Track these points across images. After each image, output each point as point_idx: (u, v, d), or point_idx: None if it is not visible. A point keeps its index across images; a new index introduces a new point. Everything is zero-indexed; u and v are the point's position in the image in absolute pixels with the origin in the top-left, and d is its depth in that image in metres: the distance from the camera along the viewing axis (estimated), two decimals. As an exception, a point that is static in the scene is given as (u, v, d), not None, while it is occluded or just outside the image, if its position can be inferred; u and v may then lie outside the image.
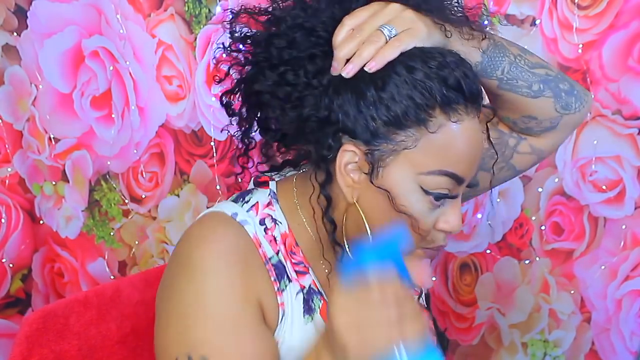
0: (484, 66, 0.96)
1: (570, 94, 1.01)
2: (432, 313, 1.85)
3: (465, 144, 0.85)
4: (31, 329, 1.12)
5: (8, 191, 1.83)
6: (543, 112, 1.01)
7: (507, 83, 0.98)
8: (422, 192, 0.86)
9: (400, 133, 0.85)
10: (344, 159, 0.88)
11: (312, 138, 0.90)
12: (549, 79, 0.99)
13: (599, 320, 1.71)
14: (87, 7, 1.68)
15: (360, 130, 0.86)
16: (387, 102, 0.84)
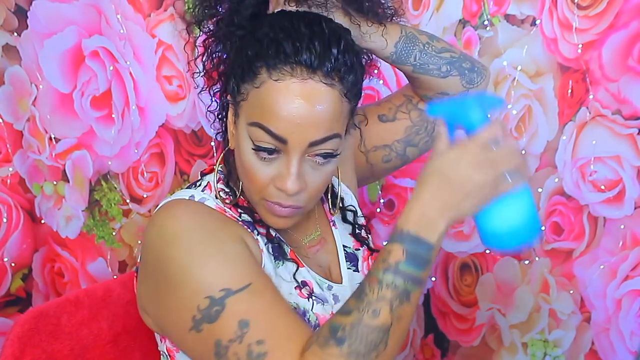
0: (398, 55, 1.11)
1: (472, 70, 1.17)
2: (432, 314, 1.86)
3: (283, 102, 0.92)
4: (23, 329, 1.13)
5: (8, 191, 1.83)
6: (452, 88, 1.16)
7: (420, 67, 1.13)
8: (250, 141, 0.96)
9: (242, 86, 0.97)
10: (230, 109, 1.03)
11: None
12: (453, 61, 1.14)
13: (599, 320, 1.70)
14: (87, 7, 1.68)
15: (228, 84, 1.01)
16: (236, 58, 0.99)
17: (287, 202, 0.98)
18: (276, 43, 0.93)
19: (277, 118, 0.93)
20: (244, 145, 0.97)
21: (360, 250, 1.20)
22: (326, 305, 1.05)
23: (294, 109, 0.92)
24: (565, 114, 1.62)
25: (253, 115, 0.95)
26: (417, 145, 1.24)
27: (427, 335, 1.88)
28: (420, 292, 0.88)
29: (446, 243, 1.79)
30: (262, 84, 0.94)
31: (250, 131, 0.96)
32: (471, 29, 1.63)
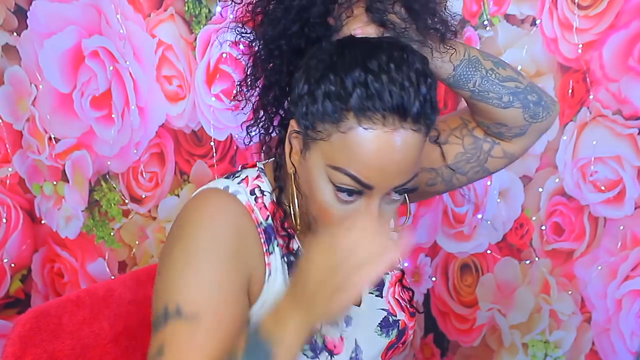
0: (457, 79, 1.03)
1: (537, 104, 1.07)
2: (432, 313, 1.86)
3: (373, 151, 0.88)
4: (24, 329, 1.12)
5: (8, 191, 1.82)
6: (513, 120, 1.07)
7: (479, 95, 1.04)
8: (329, 182, 0.92)
9: (320, 125, 0.90)
10: (291, 128, 0.96)
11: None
12: (518, 92, 1.05)
13: (599, 320, 1.70)
14: (87, 7, 1.68)
15: (298, 112, 0.93)
16: (317, 93, 0.90)
17: None
18: (365, 87, 0.87)
19: (366, 167, 0.89)
20: (319, 185, 0.93)
21: (389, 275, 1.15)
22: (335, 328, 1.02)
23: (384, 159, 0.88)
24: (566, 114, 1.62)
25: (336, 159, 0.90)
26: (466, 174, 1.15)
27: (427, 335, 1.88)
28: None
29: (447, 243, 1.79)
30: (349, 129, 0.88)
31: (331, 173, 0.91)
32: (471, 29, 1.63)
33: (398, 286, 1.15)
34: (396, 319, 1.11)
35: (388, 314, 1.10)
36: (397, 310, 1.12)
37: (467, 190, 1.73)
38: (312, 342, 0.99)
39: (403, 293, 1.15)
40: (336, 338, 1.02)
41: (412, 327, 1.14)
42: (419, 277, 1.84)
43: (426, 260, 1.82)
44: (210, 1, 1.69)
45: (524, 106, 1.06)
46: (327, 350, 1.00)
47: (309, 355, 0.99)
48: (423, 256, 1.82)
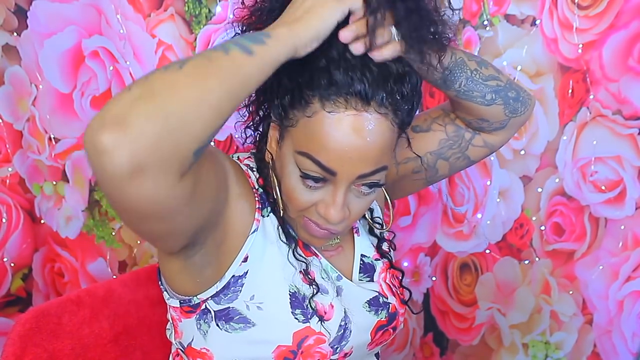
0: (444, 81, 1.06)
1: (516, 100, 1.12)
2: (431, 312, 1.86)
3: (335, 135, 0.90)
4: (24, 328, 1.13)
5: (8, 191, 1.82)
6: (494, 116, 1.12)
7: (464, 94, 1.08)
8: (297, 168, 0.95)
9: (290, 112, 0.94)
10: (270, 120, 1.01)
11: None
12: (499, 89, 1.10)
13: (601, 321, 1.70)
14: (87, 7, 1.68)
15: (273, 103, 0.98)
16: (285, 82, 0.94)
17: (325, 225, 0.99)
18: (328, 72, 0.90)
19: (328, 151, 0.91)
20: (289, 170, 0.97)
21: (380, 262, 1.18)
22: (326, 296, 1.05)
23: (346, 142, 0.90)
24: (566, 114, 1.62)
25: (302, 144, 0.93)
26: (448, 160, 1.19)
27: (426, 334, 1.88)
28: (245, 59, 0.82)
29: (446, 243, 1.79)
30: (314, 114, 0.91)
31: (297, 159, 0.94)
32: (471, 29, 1.63)
33: (389, 272, 1.18)
34: (387, 301, 1.14)
35: (379, 294, 1.13)
36: (389, 294, 1.15)
37: (465, 189, 1.73)
38: (304, 307, 1.01)
39: (394, 279, 1.18)
40: (326, 304, 1.04)
41: (402, 314, 1.17)
42: (419, 277, 1.84)
43: (426, 259, 1.82)
44: (210, 1, 1.69)
45: (505, 103, 1.11)
46: (317, 315, 1.02)
47: (300, 320, 1.01)
48: (423, 256, 1.82)
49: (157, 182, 0.74)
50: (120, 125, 0.70)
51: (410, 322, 1.87)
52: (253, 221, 1.02)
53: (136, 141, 0.71)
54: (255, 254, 1.01)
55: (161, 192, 0.75)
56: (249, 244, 1.01)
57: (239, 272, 1.00)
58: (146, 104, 0.72)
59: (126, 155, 0.70)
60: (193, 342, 1.06)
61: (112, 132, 0.70)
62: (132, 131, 0.70)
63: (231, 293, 1.01)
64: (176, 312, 1.07)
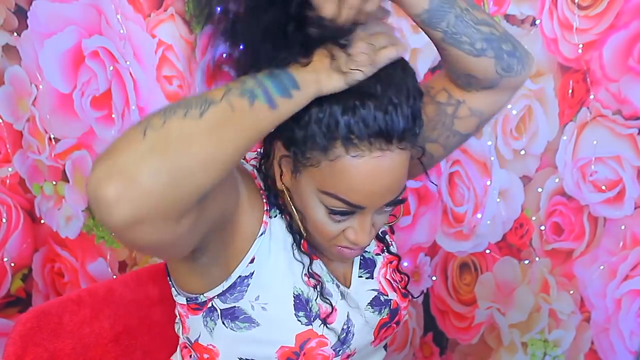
0: (430, 15, 0.94)
1: (512, 55, 1.01)
2: (431, 312, 1.86)
3: (362, 177, 0.89)
4: (25, 328, 1.13)
5: (8, 191, 1.82)
6: (484, 71, 1.00)
7: (451, 37, 0.97)
8: (322, 205, 0.94)
9: (308, 152, 0.91)
10: (278, 153, 0.97)
11: None
12: (492, 38, 0.98)
13: (599, 319, 1.71)
14: (87, 7, 1.68)
15: (286, 137, 0.93)
16: (304, 122, 0.89)
17: (356, 247, 0.99)
18: (352, 115, 0.87)
19: (356, 192, 0.91)
20: (313, 205, 0.96)
21: (381, 256, 1.17)
22: (330, 299, 1.05)
23: (373, 182, 0.90)
24: (566, 114, 1.62)
25: (327, 185, 0.92)
26: (436, 141, 1.11)
27: (426, 334, 1.88)
28: (268, 113, 0.81)
29: (446, 242, 1.79)
30: (337, 157, 0.89)
31: (323, 198, 0.93)
32: (471, 29, 1.62)
33: (390, 267, 1.17)
34: (387, 299, 1.13)
35: (379, 293, 1.13)
36: (389, 290, 1.14)
37: (465, 189, 1.73)
38: (307, 310, 1.02)
39: (395, 275, 1.17)
40: (329, 308, 1.04)
41: (404, 308, 1.16)
42: (419, 276, 1.85)
43: (426, 259, 1.83)
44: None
45: (497, 56, 0.99)
46: (320, 319, 1.02)
47: (303, 322, 1.01)
48: (423, 255, 1.83)
49: (156, 228, 0.74)
50: (126, 179, 0.70)
51: (410, 322, 1.88)
52: (261, 223, 1.01)
53: (141, 198, 0.71)
54: (261, 256, 1.01)
55: (160, 235, 0.75)
56: (256, 246, 1.00)
57: (245, 272, 1.00)
58: (158, 159, 0.72)
59: (128, 209, 0.70)
60: (200, 338, 1.06)
61: (117, 186, 0.70)
62: (139, 188, 0.70)
63: (237, 293, 1.01)
64: (183, 309, 1.07)
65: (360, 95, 0.86)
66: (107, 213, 0.70)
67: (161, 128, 0.74)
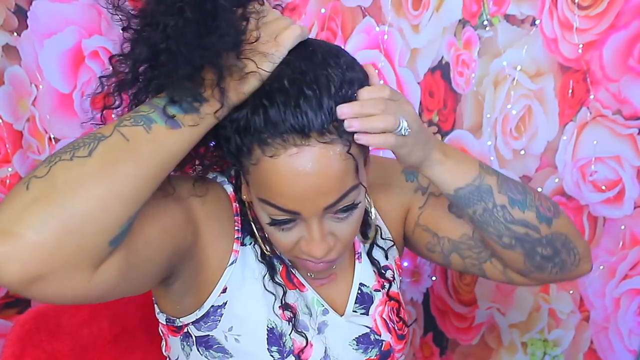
0: (458, 199, 0.95)
1: (548, 259, 0.98)
2: (431, 312, 1.86)
3: (282, 178, 0.82)
4: (23, 329, 1.13)
5: (8, 191, 1.82)
6: (511, 261, 1.00)
7: (478, 223, 0.96)
8: (265, 214, 0.89)
9: (241, 160, 0.86)
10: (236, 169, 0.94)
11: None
12: (525, 239, 0.96)
13: (598, 319, 1.71)
14: (87, 7, 1.67)
15: (224, 150, 0.88)
16: (228, 132, 0.84)
17: (318, 260, 0.92)
18: (262, 110, 0.81)
19: (282, 195, 0.84)
20: (260, 215, 0.91)
21: (380, 293, 1.09)
22: (306, 333, 1.00)
23: (296, 183, 0.82)
24: (566, 114, 1.62)
25: (260, 191, 0.87)
26: (463, 260, 1.07)
27: (426, 334, 1.88)
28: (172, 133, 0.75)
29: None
30: (258, 160, 0.83)
31: (261, 205, 0.88)
32: (471, 29, 1.63)
33: (389, 305, 1.09)
34: (379, 339, 1.06)
35: (371, 331, 1.06)
36: (383, 331, 1.07)
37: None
38: (280, 344, 0.97)
39: (392, 314, 1.09)
40: (303, 343, 0.99)
41: (399, 350, 1.09)
42: (419, 277, 1.85)
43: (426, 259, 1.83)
44: (210, 1, 1.69)
45: (528, 255, 0.97)
46: (294, 355, 0.97)
47: (276, 357, 0.97)
48: (422, 255, 1.83)
49: (64, 282, 0.69)
50: (7, 237, 0.65)
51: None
52: (231, 252, 0.97)
53: (27, 253, 0.65)
54: (234, 285, 0.97)
55: (73, 289, 0.70)
56: (227, 276, 0.96)
57: (218, 302, 0.97)
58: (41, 208, 0.66)
59: (18, 267, 0.65)
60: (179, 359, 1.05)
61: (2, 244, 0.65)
62: (22, 242, 0.65)
63: (211, 322, 0.98)
64: (164, 328, 1.06)
65: (269, 92, 0.81)
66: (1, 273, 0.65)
67: (45, 176, 0.69)
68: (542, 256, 0.97)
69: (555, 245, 0.97)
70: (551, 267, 0.99)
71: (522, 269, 1.00)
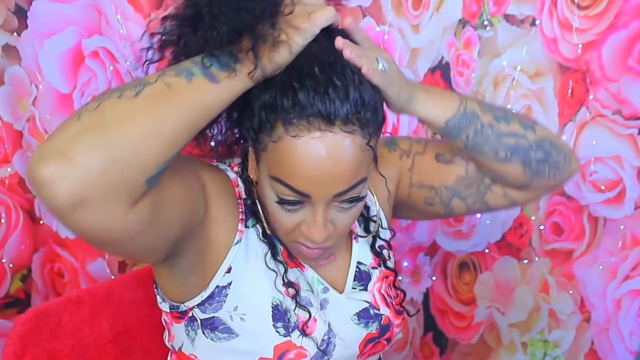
0: (448, 130, 1.01)
1: (543, 162, 1.04)
2: (430, 311, 1.86)
3: (302, 159, 0.86)
4: (24, 328, 1.12)
5: (8, 191, 1.82)
6: (512, 175, 1.05)
7: (473, 147, 1.02)
8: (274, 193, 0.93)
9: (259, 136, 0.90)
10: (250, 149, 0.98)
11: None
12: (518, 148, 1.02)
13: (599, 320, 1.71)
14: (87, 7, 1.67)
15: (244, 126, 0.94)
16: (255, 107, 0.89)
17: (314, 245, 0.96)
18: (289, 94, 0.86)
19: (298, 176, 0.88)
20: (267, 195, 0.94)
21: (377, 270, 1.13)
22: (309, 308, 1.02)
23: (314, 166, 0.87)
24: (565, 114, 1.62)
25: (273, 169, 0.90)
26: (464, 200, 1.12)
27: (426, 334, 1.88)
28: (210, 87, 0.81)
29: (445, 242, 1.79)
30: (279, 138, 0.87)
31: (272, 184, 0.92)
32: (471, 29, 1.63)
33: (385, 282, 1.13)
34: (378, 313, 1.09)
35: (370, 306, 1.09)
36: (382, 305, 1.10)
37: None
38: (285, 320, 1.00)
39: (390, 290, 1.13)
40: (309, 318, 1.02)
41: (398, 325, 1.13)
42: (418, 276, 1.85)
43: (425, 259, 1.83)
44: (210, 1, 1.69)
45: (525, 163, 1.03)
46: (299, 330, 1.00)
47: (282, 333, 0.99)
48: (422, 255, 1.83)
49: (104, 212, 0.73)
50: (60, 157, 0.70)
51: (410, 322, 1.88)
52: (236, 232, 1.00)
53: (77, 174, 0.70)
54: (238, 266, 1.00)
55: (110, 221, 0.74)
56: (231, 256, 0.99)
57: (222, 282, 0.99)
58: (92, 136, 0.71)
59: (68, 188, 0.69)
60: (183, 347, 1.06)
61: (51, 165, 0.69)
62: (73, 164, 0.70)
63: (216, 303, 1.00)
64: (168, 317, 1.08)
65: (299, 76, 0.85)
66: (48, 195, 0.70)
67: (95, 109, 0.74)
68: (537, 160, 1.03)
69: (545, 147, 1.04)
70: (547, 168, 1.04)
71: (522, 180, 1.05)
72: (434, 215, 1.19)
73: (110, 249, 0.80)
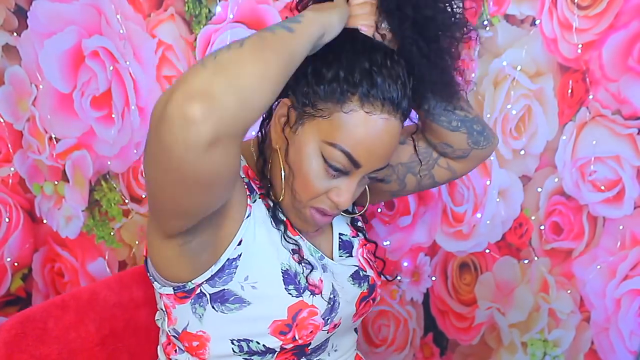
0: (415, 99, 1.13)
1: (480, 133, 1.22)
2: (431, 312, 1.86)
3: (368, 133, 1.00)
4: (10, 334, 1.12)
5: (9, 191, 1.82)
6: (458, 143, 1.22)
7: (432, 115, 1.18)
8: (321, 157, 1.02)
9: (321, 103, 1.00)
10: (280, 110, 1.05)
11: None
12: (465, 119, 1.20)
13: (598, 319, 1.71)
14: (87, 7, 1.68)
15: (298, 90, 1.02)
16: (324, 74, 1.00)
17: (332, 212, 1.07)
18: (371, 75, 0.98)
19: (360, 146, 1.00)
20: (310, 158, 1.02)
21: (357, 238, 1.26)
22: (315, 272, 1.11)
23: (376, 141, 1.00)
24: (565, 114, 1.62)
25: (334, 136, 1.00)
26: (416, 175, 1.28)
27: (426, 335, 1.88)
28: (290, 35, 0.91)
29: (445, 242, 1.79)
30: (351, 111, 0.99)
31: (324, 148, 1.01)
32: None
33: (365, 248, 1.26)
34: (366, 274, 1.22)
35: (359, 269, 1.21)
36: (367, 267, 1.23)
37: (465, 189, 1.73)
38: (296, 282, 1.07)
39: (369, 255, 1.26)
40: (316, 279, 1.10)
41: (380, 286, 1.25)
42: (419, 277, 1.84)
43: (425, 259, 1.82)
44: (210, 1, 1.69)
45: (469, 133, 1.21)
46: (309, 290, 1.08)
47: (294, 294, 1.06)
48: (422, 255, 1.83)
49: (226, 151, 0.80)
50: (207, 97, 0.76)
51: (410, 323, 1.88)
52: (246, 206, 1.06)
53: (221, 113, 0.76)
54: (248, 237, 1.05)
55: (227, 161, 0.82)
56: (244, 229, 1.05)
57: (233, 255, 1.04)
58: (223, 79, 0.78)
59: (212, 125, 0.75)
60: (189, 326, 1.08)
61: (201, 105, 0.75)
62: (218, 104, 0.76)
63: (226, 276, 1.04)
64: (170, 299, 1.09)
65: (379, 64, 0.99)
66: (193, 132, 0.75)
67: (214, 60, 0.81)
68: (477, 131, 1.21)
69: (481, 121, 1.22)
70: (483, 140, 1.23)
71: (464, 148, 1.22)
72: (388, 193, 1.32)
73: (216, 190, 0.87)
